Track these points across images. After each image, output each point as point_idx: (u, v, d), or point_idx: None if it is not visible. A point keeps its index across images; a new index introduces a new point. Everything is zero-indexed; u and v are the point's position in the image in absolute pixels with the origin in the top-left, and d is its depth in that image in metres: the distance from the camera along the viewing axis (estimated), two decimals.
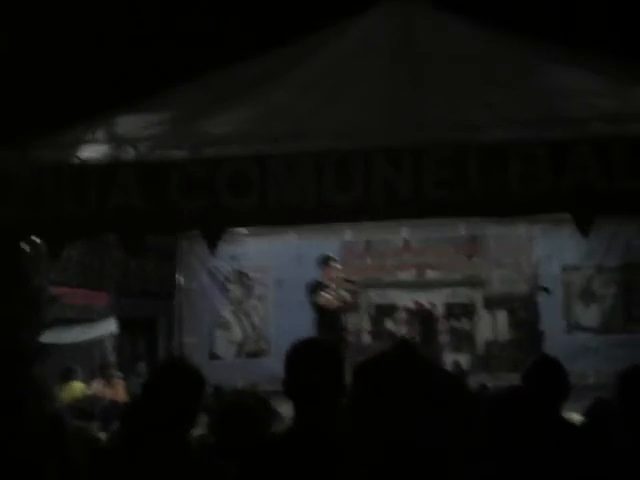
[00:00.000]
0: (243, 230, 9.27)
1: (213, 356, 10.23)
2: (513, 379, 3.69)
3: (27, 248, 5.46)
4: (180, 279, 10.27)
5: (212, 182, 5.35)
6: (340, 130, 5.36)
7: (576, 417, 3.72)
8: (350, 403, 1.43)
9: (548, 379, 3.13)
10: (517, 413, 2.46)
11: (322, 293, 7.91)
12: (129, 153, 5.44)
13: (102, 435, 4.76)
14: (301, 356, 2.39)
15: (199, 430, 4.21)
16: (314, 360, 2.35)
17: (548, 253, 9.99)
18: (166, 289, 10.18)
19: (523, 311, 10.11)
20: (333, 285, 7.87)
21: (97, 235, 7.07)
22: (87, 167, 5.48)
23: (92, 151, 5.56)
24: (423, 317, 10.24)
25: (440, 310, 10.15)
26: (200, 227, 5.58)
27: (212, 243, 5.53)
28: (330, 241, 9.86)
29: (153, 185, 5.37)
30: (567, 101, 5.51)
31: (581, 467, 2.62)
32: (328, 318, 7.88)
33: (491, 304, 10.14)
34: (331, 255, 8.13)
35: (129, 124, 5.71)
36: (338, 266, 8.00)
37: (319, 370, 2.32)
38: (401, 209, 5.34)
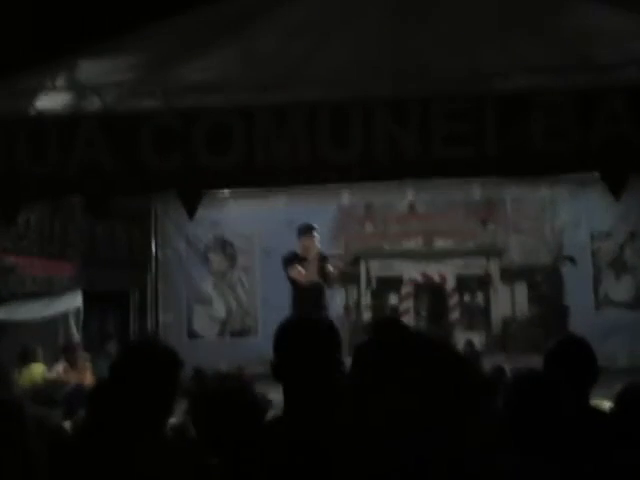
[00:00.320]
0: (225, 192, 9.26)
1: (192, 335, 10.28)
2: (533, 361, 3.71)
3: None
4: (154, 248, 10.27)
5: (189, 137, 5.33)
6: (336, 78, 5.33)
7: (605, 404, 3.75)
8: (349, 387, 1.45)
9: (574, 361, 3.15)
10: (538, 400, 2.48)
11: (293, 267, 7.92)
12: (94, 103, 5.42)
13: (66, 424, 4.80)
14: (292, 335, 2.40)
15: (176, 419, 4.27)
16: (307, 339, 2.37)
17: (574, 218, 10.01)
18: (138, 259, 10.18)
19: (545, 284, 10.16)
20: (310, 258, 7.88)
21: (58, 197, 7.05)
22: (46, 119, 5.45)
23: (51, 100, 5.53)
24: (431, 291, 10.29)
25: (451, 283, 10.20)
26: (176, 188, 5.56)
27: (190, 207, 5.53)
28: (325, 205, 9.87)
29: (122, 139, 5.35)
30: (598, 44, 5.48)
31: (611, 459, 2.65)
32: (306, 294, 7.90)
33: (509, 276, 10.18)
34: (313, 225, 8.11)
35: (93, 69, 5.67)
36: (317, 236, 7.99)
37: (312, 350, 2.34)
38: (406, 168, 5.33)
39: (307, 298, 7.81)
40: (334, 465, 2.08)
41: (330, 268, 8.06)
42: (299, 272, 7.94)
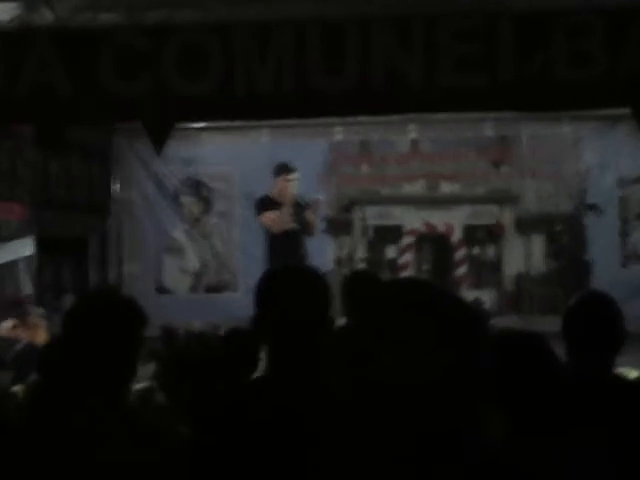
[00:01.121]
0: (200, 125, 9.19)
1: (161, 289, 10.32)
2: (550, 323, 3.73)
3: None
4: (116, 188, 10.24)
5: (157, 58, 5.28)
6: None
7: (633, 373, 3.78)
8: (341, 345, 1.45)
9: (596, 322, 3.15)
10: (525, 369, 2.48)
11: (268, 212, 7.95)
12: (45, 16, 5.33)
13: (17, 388, 4.82)
14: (277, 285, 2.40)
15: (141, 384, 4.29)
16: (294, 290, 2.37)
17: (600, 160, 10.02)
18: (98, 200, 10.16)
19: (566, 236, 10.21)
20: (285, 203, 7.90)
21: (4, 125, 7.00)
22: None
23: None
24: (435, 243, 10.33)
25: (457, 234, 10.24)
26: (142, 118, 5.53)
27: (158, 140, 5.50)
28: (315, 142, 9.84)
29: (78, 59, 5.29)
30: None
31: (636, 436, 2.67)
32: (281, 243, 7.93)
33: (524, 226, 10.22)
34: (289, 164, 8.11)
35: None
36: (294, 178, 8.00)
37: (300, 303, 2.34)
38: (408, 98, 5.31)
39: (282, 247, 7.86)
40: (321, 436, 2.09)
41: (310, 215, 8.08)
42: (271, 218, 7.96)
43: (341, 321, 4.48)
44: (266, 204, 8.02)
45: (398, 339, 1.35)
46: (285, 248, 7.83)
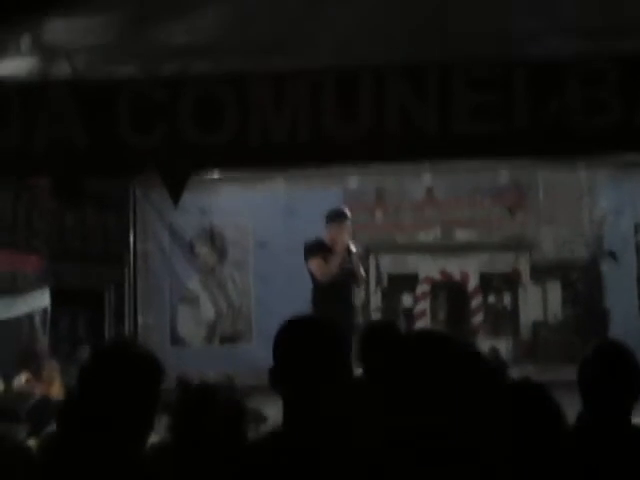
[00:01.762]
0: (215, 174, 9.23)
1: (176, 340, 10.29)
2: (567, 371, 3.69)
3: None
4: (132, 239, 10.26)
5: (173, 109, 5.30)
6: (341, 41, 5.30)
7: None
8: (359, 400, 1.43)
9: (612, 373, 3.11)
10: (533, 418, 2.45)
11: (314, 259, 7.87)
12: (63, 68, 5.38)
13: (31, 441, 4.79)
14: (294, 337, 2.38)
15: (158, 436, 4.25)
16: (312, 342, 2.35)
17: (617, 207, 9.99)
18: (114, 252, 10.17)
19: (582, 283, 10.15)
20: (336, 251, 7.83)
21: (22, 178, 7.04)
22: (7, 86, 5.42)
23: (14, 65, 5.49)
24: (451, 291, 10.29)
25: (473, 282, 10.19)
26: (158, 169, 5.54)
27: (174, 191, 5.51)
28: (330, 190, 9.86)
29: (95, 111, 5.32)
30: None
31: None
32: (329, 292, 7.85)
33: (540, 273, 10.18)
34: (345, 211, 8.08)
35: (62, 30, 5.63)
36: (348, 226, 7.96)
37: (317, 354, 2.32)
38: (423, 146, 5.31)
39: (330, 296, 7.77)
40: None
41: (359, 265, 8.04)
42: (318, 265, 7.89)
43: (358, 372, 4.44)
44: (317, 249, 7.94)
45: (424, 391, 1.34)
46: (332, 297, 7.75)
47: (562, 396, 3.61)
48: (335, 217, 7.93)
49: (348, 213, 8.08)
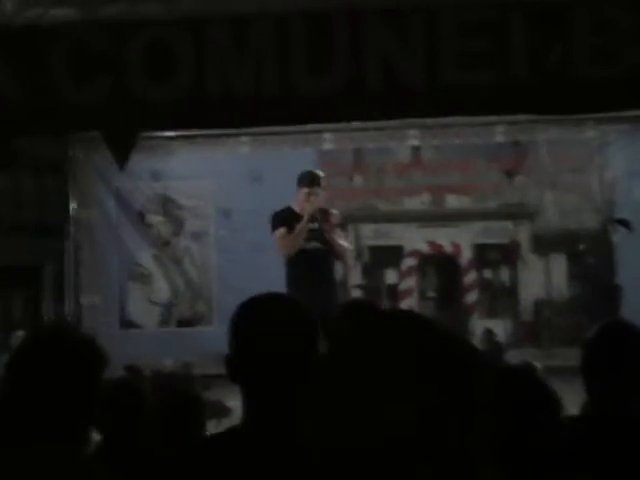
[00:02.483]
0: (168, 133, 9.20)
1: (127, 323, 10.29)
2: (574, 356, 3.72)
3: None
4: (73, 207, 10.23)
5: (119, 58, 5.29)
6: None
7: None
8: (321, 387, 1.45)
9: (620, 355, 3.16)
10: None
11: (278, 229, 7.86)
12: None
13: None
14: (255, 319, 2.39)
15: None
16: (274, 325, 2.36)
17: (629, 169, 10.04)
18: (52, 222, 10.14)
19: (591, 256, 10.22)
20: (308, 219, 7.82)
21: None
22: None
23: None
24: (441, 265, 10.33)
25: (467, 255, 10.24)
26: (101, 127, 5.53)
27: (121, 153, 5.51)
28: (301, 151, 9.85)
29: (28, 61, 5.30)
30: None
31: None
32: (304, 267, 7.85)
33: (543, 245, 10.24)
34: (319, 173, 8.07)
35: None
36: (320, 193, 7.95)
37: (279, 339, 2.33)
38: (408, 101, 5.33)
39: (305, 272, 7.75)
40: None
41: (335, 235, 7.98)
42: (280, 236, 7.88)
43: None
44: (286, 218, 7.92)
45: (373, 382, 1.36)
46: (307, 274, 7.73)
47: (568, 383, 3.66)
48: (305, 181, 7.91)
49: (321, 175, 8.08)
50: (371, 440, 1.32)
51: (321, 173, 8.17)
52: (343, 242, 8.08)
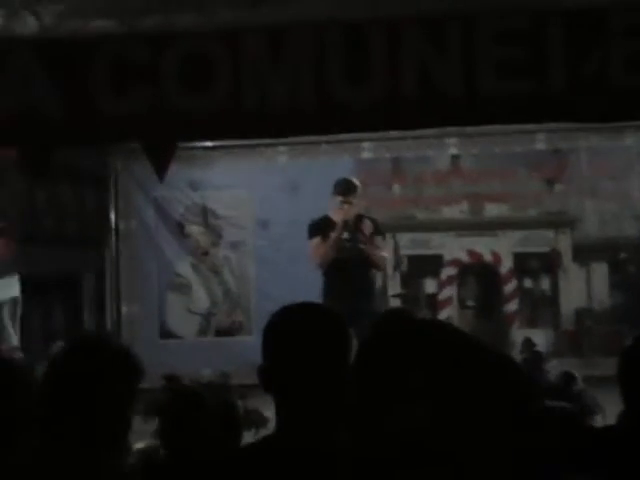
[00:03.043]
0: (207, 145, 9.25)
1: (166, 333, 10.33)
2: (615, 365, 3.70)
3: None
4: (113, 218, 10.29)
5: (157, 70, 5.31)
6: None
7: None
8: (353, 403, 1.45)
9: None
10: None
11: (313, 238, 7.83)
12: (29, 25, 5.39)
13: None
14: (287, 328, 2.39)
15: (145, 442, 4.30)
16: (308, 336, 2.36)
17: None
18: (93, 233, 10.20)
19: (632, 265, 10.15)
20: (341, 228, 7.80)
21: None
22: None
23: None
24: (481, 274, 10.30)
25: (507, 264, 10.20)
26: (140, 138, 5.56)
27: (159, 163, 5.53)
28: (339, 161, 9.85)
29: (67, 73, 5.34)
30: None
31: None
32: (340, 277, 7.83)
33: (584, 254, 10.19)
34: (355, 182, 8.05)
35: None
36: (355, 202, 7.92)
37: (313, 350, 2.33)
38: (446, 109, 5.31)
39: (341, 282, 7.73)
40: None
41: (372, 245, 7.92)
42: (315, 246, 7.86)
43: None
44: (321, 227, 7.89)
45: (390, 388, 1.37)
46: (344, 284, 7.69)
47: (610, 393, 3.63)
48: (339, 189, 7.89)
49: (357, 184, 8.05)
50: (388, 448, 1.34)
51: (357, 181, 8.16)
52: (379, 251, 8.02)
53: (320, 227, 7.86)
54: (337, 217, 7.77)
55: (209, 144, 9.22)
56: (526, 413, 1.46)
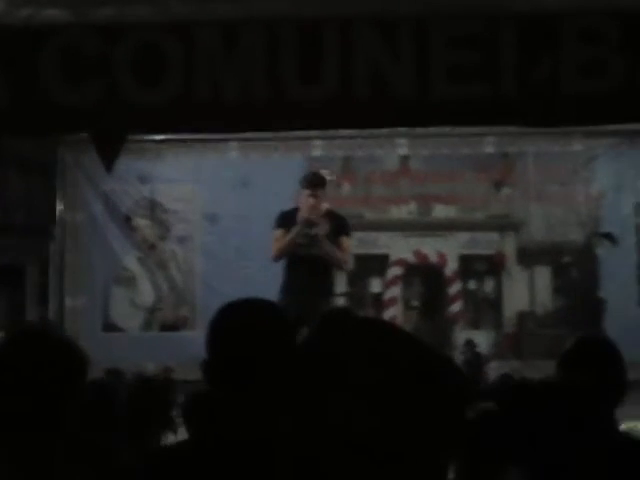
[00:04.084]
0: (156, 138, 9.19)
1: (110, 326, 10.26)
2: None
3: None
4: (60, 208, 10.20)
5: (109, 61, 5.28)
6: None
7: None
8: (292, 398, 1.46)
9: (593, 368, 3.15)
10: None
11: (276, 230, 7.78)
12: None
13: None
14: (231, 326, 2.39)
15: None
16: (250, 332, 2.36)
17: (616, 183, 10.07)
18: (39, 223, 10.10)
19: (575, 269, 10.24)
20: (302, 224, 7.73)
21: None
22: None
23: None
24: (426, 275, 10.33)
25: (452, 265, 10.24)
26: (90, 129, 5.52)
27: (108, 156, 5.50)
28: (290, 158, 9.85)
29: (16, 62, 5.28)
30: None
31: None
32: (299, 273, 7.79)
33: (528, 257, 10.24)
34: (324, 175, 7.99)
35: None
36: (321, 195, 7.85)
37: (257, 346, 2.33)
38: (397, 111, 5.33)
39: (299, 278, 7.68)
40: None
41: (345, 241, 7.87)
42: (275, 237, 7.80)
43: None
44: (282, 220, 7.82)
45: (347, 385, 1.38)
46: (305, 279, 7.63)
47: None
48: (304, 182, 7.83)
49: (326, 178, 7.99)
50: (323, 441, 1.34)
51: (328, 176, 8.09)
52: (341, 250, 7.92)
53: (286, 219, 7.80)
54: (304, 211, 7.70)
55: (159, 137, 9.17)
56: (463, 413, 1.48)
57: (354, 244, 10.12)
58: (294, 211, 7.78)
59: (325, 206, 7.89)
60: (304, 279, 7.66)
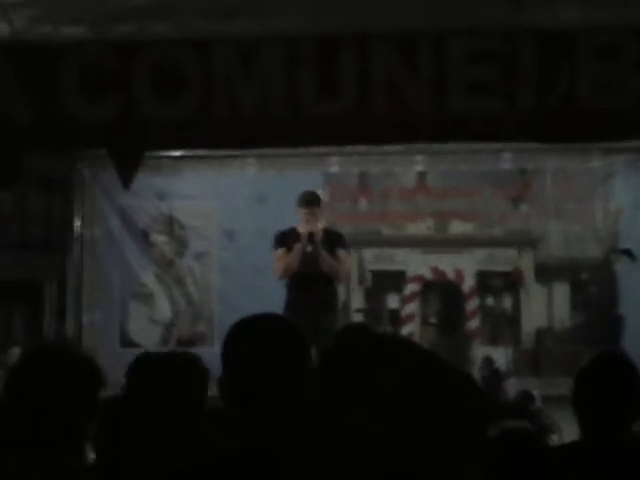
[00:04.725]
0: (175, 154, 9.22)
1: (127, 342, 10.26)
2: None
3: None
4: (77, 224, 10.22)
5: (127, 77, 5.31)
6: (320, 1, 5.31)
7: None
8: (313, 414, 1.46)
9: (611, 385, 3.14)
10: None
11: (277, 250, 7.84)
12: (1, 29, 5.37)
13: None
14: (246, 342, 2.39)
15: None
16: (265, 348, 2.35)
17: (635, 199, 10.03)
18: (57, 239, 10.13)
19: (594, 286, 10.19)
20: (304, 241, 7.80)
21: None
22: None
23: None
24: (444, 291, 10.30)
25: (470, 281, 10.21)
26: (108, 145, 5.54)
27: (126, 172, 5.53)
28: (307, 174, 9.84)
29: (37, 78, 5.32)
30: None
31: None
32: (304, 289, 7.83)
33: (546, 274, 10.21)
34: (318, 194, 8.06)
35: None
36: (318, 213, 7.92)
37: (273, 362, 2.32)
38: (414, 126, 5.33)
39: (305, 295, 7.71)
40: None
41: (341, 254, 7.92)
42: (277, 257, 7.86)
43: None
44: (288, 239, 7.90)
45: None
46: (307, 296, 7.68)
47: (567, 413, 3.64)
48: (301, 201, 7.90)
49: (320, 196, 8.06)
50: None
51: (321, 194, 8.15)
52: (340, 264, 7.99)
53: (286, 238, 7.88)
54: (302, 229, 7.79)
55: (177, 153, 9.19)
56: (483, 431, 1.47)
57: (372, 260, 10.18)
58: (292, 230, 7.86)
59: (322, 223, 7.96)
60: (307, 295, 7.70)
